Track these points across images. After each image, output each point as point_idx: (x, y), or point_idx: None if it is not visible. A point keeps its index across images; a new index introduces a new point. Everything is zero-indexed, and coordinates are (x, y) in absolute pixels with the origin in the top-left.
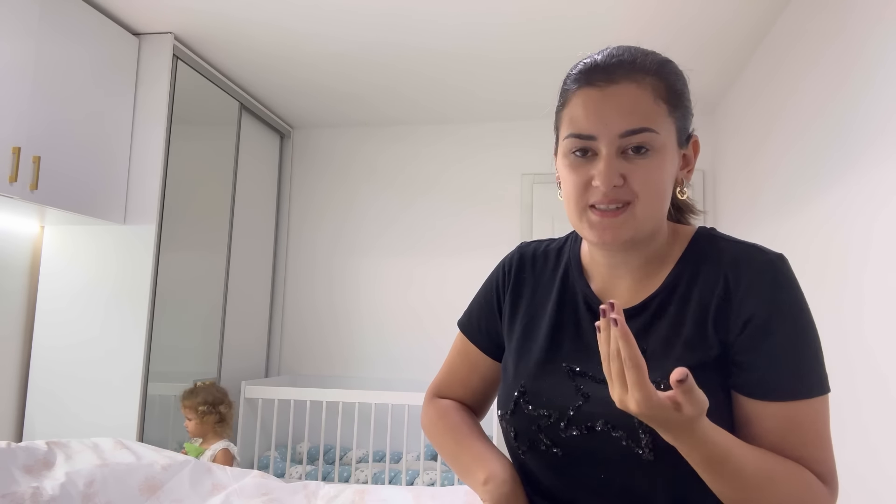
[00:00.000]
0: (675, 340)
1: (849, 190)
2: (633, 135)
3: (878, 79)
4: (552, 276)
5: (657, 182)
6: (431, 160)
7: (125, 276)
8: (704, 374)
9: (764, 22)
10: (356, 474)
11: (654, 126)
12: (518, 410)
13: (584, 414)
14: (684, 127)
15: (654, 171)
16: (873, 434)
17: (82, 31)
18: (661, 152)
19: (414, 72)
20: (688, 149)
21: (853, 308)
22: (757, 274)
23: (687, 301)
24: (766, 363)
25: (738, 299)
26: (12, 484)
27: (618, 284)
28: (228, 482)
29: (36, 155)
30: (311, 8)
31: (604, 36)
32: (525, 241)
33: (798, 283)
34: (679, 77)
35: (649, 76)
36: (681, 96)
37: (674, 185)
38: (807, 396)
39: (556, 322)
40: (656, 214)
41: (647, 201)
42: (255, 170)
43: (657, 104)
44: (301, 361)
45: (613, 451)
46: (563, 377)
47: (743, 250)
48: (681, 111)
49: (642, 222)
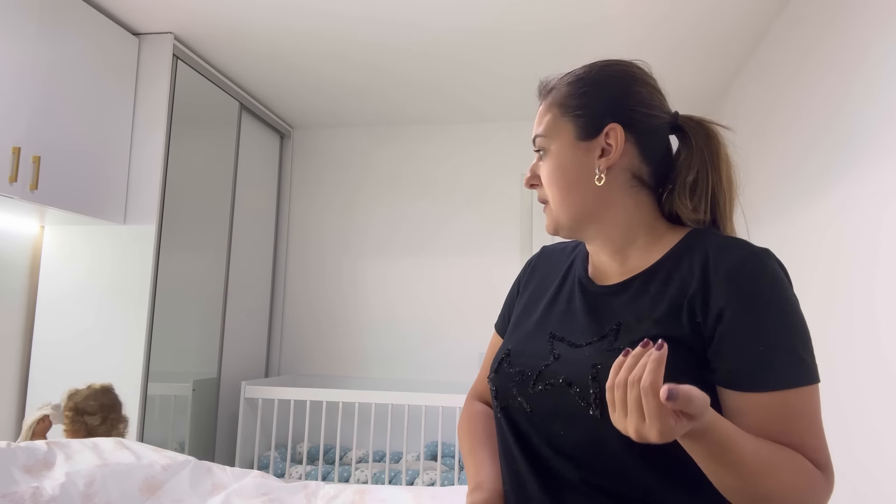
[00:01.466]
0: (647, 317)
1: (851, 189)
2: (534, 141)
3: (879, 78)
4: (562, 265)
5: (553, 176)
6: (431, 160)
7: (125, 276)
8: (671, 350)
9: (764, 22)
10: (356, 474)
11: (542, 131)
12: (500, 370)
13: (550, 371)
14: (588, 122)
15: (549, 168)
16: (881, 433)
17: (82, 31)
18: (553, 151)
19: (414, 72)
20: (602, 139)
21: (856, 307)
22: (737, 264)
23: (666, 283)
24: (742, 356)
25: (715, 289)
26: (12, 484)
27: (606, 269)
28: (228, 482)
29: (36, 155)
30: (311, 8)
31: (603, 39)
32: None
33: (782, 275)
34: (575, 84)
35: (554, 91)
36: (574, 95)
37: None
38: (794, 386)
39: (553, 299)
40: (565, 203)
41: (552, 194)
42: (255, 170)
43: (550, 111)
44: (301, 361)
45: (569, 406)
46: (543, 342)
47: (728, 241)
48: (578, 109)
49: (556, 212)
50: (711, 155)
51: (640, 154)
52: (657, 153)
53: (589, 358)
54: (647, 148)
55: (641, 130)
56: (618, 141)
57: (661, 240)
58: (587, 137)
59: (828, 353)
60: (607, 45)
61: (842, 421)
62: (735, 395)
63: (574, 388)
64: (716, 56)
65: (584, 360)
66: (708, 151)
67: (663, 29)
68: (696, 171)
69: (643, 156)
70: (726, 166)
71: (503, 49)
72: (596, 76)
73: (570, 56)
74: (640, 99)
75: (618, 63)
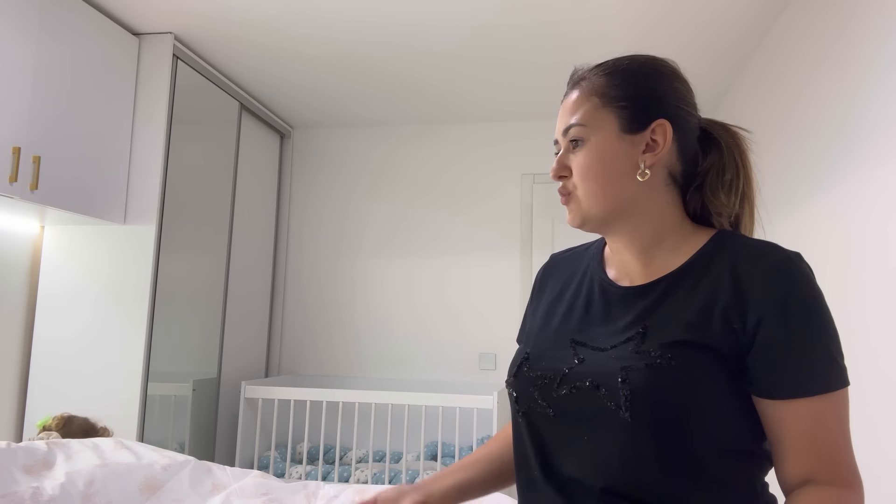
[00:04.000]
0: (675, 320)
1: (851, 189)
2: (567, 131)
3: (879, 77)
4: (576, 270)
5: (589, 168)
6: (432, 160)
7: (125, 276)
8: (701, 355)
9: (765, 21)
10: (356, 474)
11: (580, 120)
12: (520, 374)
13: (574, 374)
14: (633, 115)
15: (586, 159)
16: (882, 433)
17: (82, 31)
18: (592, 142)
19: (415, 72)
20: (649, 134)
21: (857, 306)
22: (771, 271)
23: (696, 288)
24: (784, 363)
25: (751, 295)
26: (12, 484)
27: (629, 270)
28: (228, 482)
29: (36, 155)
30: (311, 8)
31: (603, 38)
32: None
33: (814, 280)
34: (625, 70)
35: (587, 80)
36: (619, 86)
37: (633, 170)
38: (829, 390)
39: (571, 304)
40: (599, 197)
41: (583, 187)
42: (255, 170)
43: (588, 100)
44: (301, 361)
45: (596, 409)
46: (565, 345)
47: (758, 246)
48: (623, 101)
49: (585, 206)
50: (741, 156)
51: (679, 152)
52: (690, 152)
53: (616, 361)
54: (684, 147)
55: (682, 128)
56: (666, 137)
57: (687, 241)
58: (633, 131)
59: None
60: (607, 44)
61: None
62: (772, 405)
63: (602, 390)
64: (716, 56)
65: (611, 363)
66: (738, 153)
67: (663, 29)
68: (732, 171)
69: (680, 154)
70: (752, 169)
71: (503, 47)
72: (640, 69)
73: (570, 55)
74: (681, 96)
75: (656, 57)
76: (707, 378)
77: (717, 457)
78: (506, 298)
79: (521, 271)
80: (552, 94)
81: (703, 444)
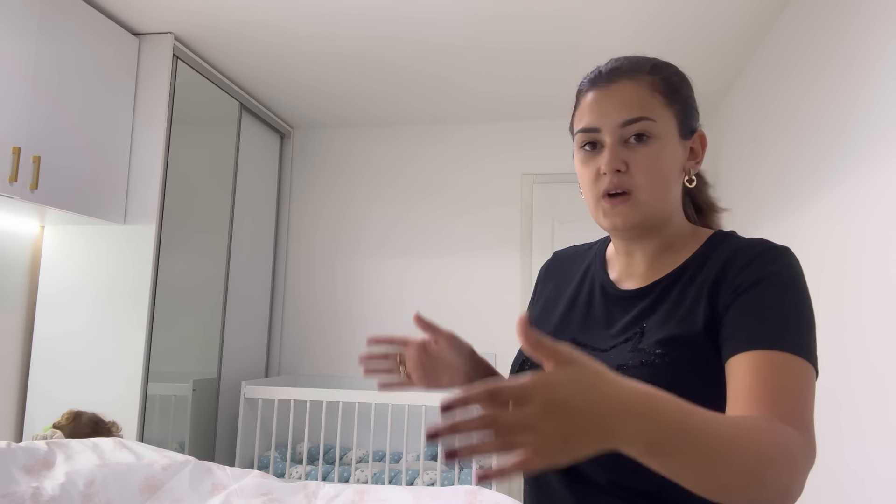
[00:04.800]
0: (671, 318)
1: (849, 189)
2: (631, 123)
3: (879, 77)
4: (578, 269)
5: (658, 167)
6: (432, 160)
7: (125, 276)
8: (692, 347)
9: (764, 21)
10: (356, 474)
11: (650, 115)
12: (522, 374)
13: None
14: (686, 120)
15: (655, 157)
16: (870, 436)
17: (82, 31)
18: (661, 140)
19: (414, 72)
20: (693, 141)
21: (852, 308)
22: (756, 255)
23: (690, 285)
24: (751, 320)
25: (731, 275)
26: (12, 484)
27: (634, 271)
28: (228, 482)
29: (36, 155)
30: (311, 8)
31: (604, 35)
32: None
33: (798, 267)
34: (676, 74)
35: (645, 74)
36: (678, 90)
37: (682, 175)
38: (785, 350)
39: (571, 303)
40: (661, 198)
41: (650, 185)
42: (255, 170)
43: (654, 97)
44: (301, 361)
45: None
46: None
47: (749, 240)
48: (679, 104)
49: (648, 206)
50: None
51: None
52: None
53: (614, 360)
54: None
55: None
56: (704, 146)
57: (689, 242)
58: (686, 136)
59: (833, 356)
60: (607, 43)
61: (830, 422)
62: (730, 363)
63: None
64: (715, 57)
65: (608, 363)
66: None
67: (663, 28)
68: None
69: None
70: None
71: (502, 48)
72: (682, 76)
73: (570, 54)
74: (696, 105)
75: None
76: (701, 369)
77: None
78: (506, 298)
79: (521, 271)
80: (552, 95)
81: None
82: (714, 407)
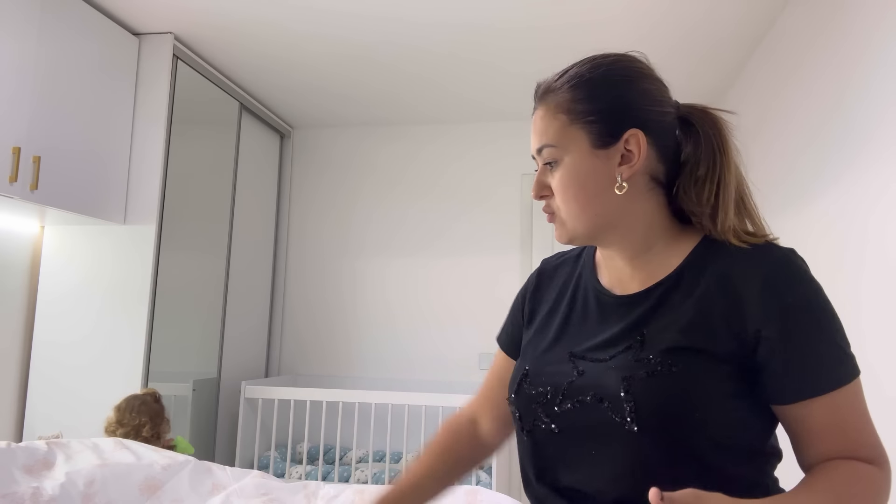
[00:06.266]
0: (672, 327)
1: (848, 189)
2: (539, 153)
3: (877, 77)
4: (569, 278)
5: (568, 188)
6: (431, 160)
7: (125, 276)
8: (700, 359)
9: (763, 22)
10: (356, 474)
11: (551, 141)
12: (521, 391)
13: (576, 388)
14: (605, 128)
15: (562, 179)
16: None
17: (83, 31)
18: (566, 161)
19: (414, 72)
20: (623, 145)
21: (850, 308)
22: (766, 276)
23: (691, 291)
24: (792, 367)
25: (749, 302)
26: (12, 484)
27: (621, 276)
28: (228, 482)
29: (36, 155)
30: (311, 8)
31: (603, 37)
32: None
33: (810, 275)
34: (591, 81)
35: (554, 93)
36: (589, 98)
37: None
38: (839, 385)
39: (567, 315)
40: (583, 214)
41: (566, 207)
42: (255, 170)
43: (556, 118)
44: (301, 361)
45: (601, 422)
46: (564, 360)
47: (748, 252)
48: (591, 114)
49: (572, 224)
50: (721, 143)
51: (657, 154)
52: (671, 150)
53: (617, 371)
54: (663, 147)
55: (657, 131)
56: (640, 147)
57: (677, 244)
58: (605, 145)
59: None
60: (607, 43)
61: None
62: (791, 408)
63: (605, 402)
64: (715, 57)
65: (611, 374)
66: (717, 140)
67: (662, 29)
68: (707, 163)
69: (659, 156)
70: (734, 154)
71: (503, 47)
72: (603, 76)
73: (571, 54)
74: (652, 97)
75: (620, 59)
76: (708, 382)
77: (725, 458)
78: (505, 298)
79: (521, 271)
80: None
81: (711, 447)
82: (716, 416)
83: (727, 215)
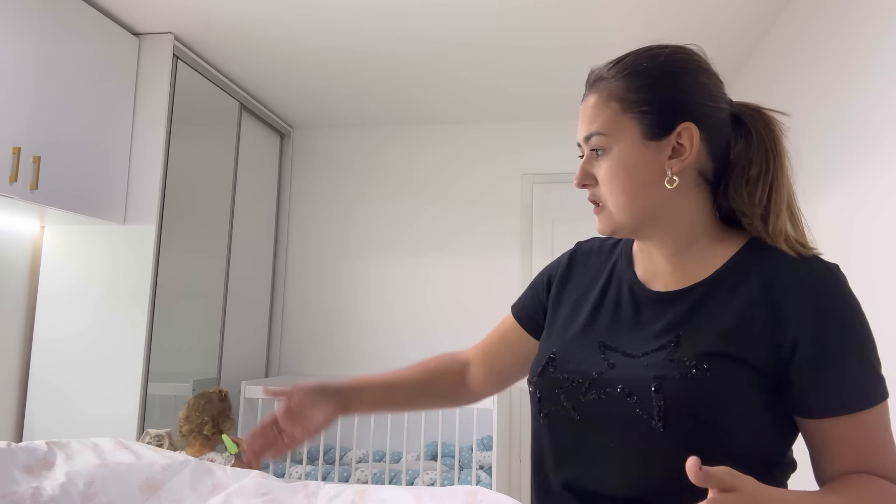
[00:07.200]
0: (710, 331)
1: (849, 188)
2: (587, 140)
3: (877, 77)
4: (603, 266)
5: (614, 179)
6: (431, 160)
7: (125, 276)
8: (736, 367)
9: (764, 22)
10: (356, 474)
11: (601, 129)
12: (545, 374)
13: (605, 379)
14: (654, 121)
15: (610, 169)
16: None
17: (82, 31)
18: (615, 151)
19: (413, 73)
20: (675, 138)
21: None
22: (808, 289)
23: (731, 299)
24: (825, 383)
25: (789, 315)
26: (12, 484)
27: (659, 271)
28: (228, 482)
29: (36, 155)
30: (311, 8)
31: (603, 37)
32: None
33: (850, 293)
34: (647, 71)
35: (607, 80)
36: (643, 88)
37: (660, 177)
38: (868, 406)
39: (598, 304)
40: (630, 207)
41: (612, 197)
42: (255, 170)
43: (608, 107)
44: (301, 361)
45: (626, 417)
46: (594, 349)
47: (794, 261)
48: (645, 104)
49: (617, 216)
50: (774, 145)
51: (709, 151)
52: (721, 147)
53: (649, 369)
54: (715, 144)
55: (710, 126)
56: (693, 141)
57: (719, 245)
58: (656, 137)
59: None
60: (607, 43)
61: None
62: (818, 423)
63: (633, 398)
64: (716, 57)
65: (643, 371)
66: (770, 141)
67: (664, 29)
68: (759, 164)
69: (710, 152)
70: (786, 157)
71: (503, 47)
72: (660, 67)
73: (571, 53)
74: (708, 92)
75: (678, 50)
76: (741, 390)
77: (743, 467)
78: (506, 298)
79: (521, 272)
80: (553, 94)
81: (731, 455)
82: (743, 424)
83: (779, 218)
